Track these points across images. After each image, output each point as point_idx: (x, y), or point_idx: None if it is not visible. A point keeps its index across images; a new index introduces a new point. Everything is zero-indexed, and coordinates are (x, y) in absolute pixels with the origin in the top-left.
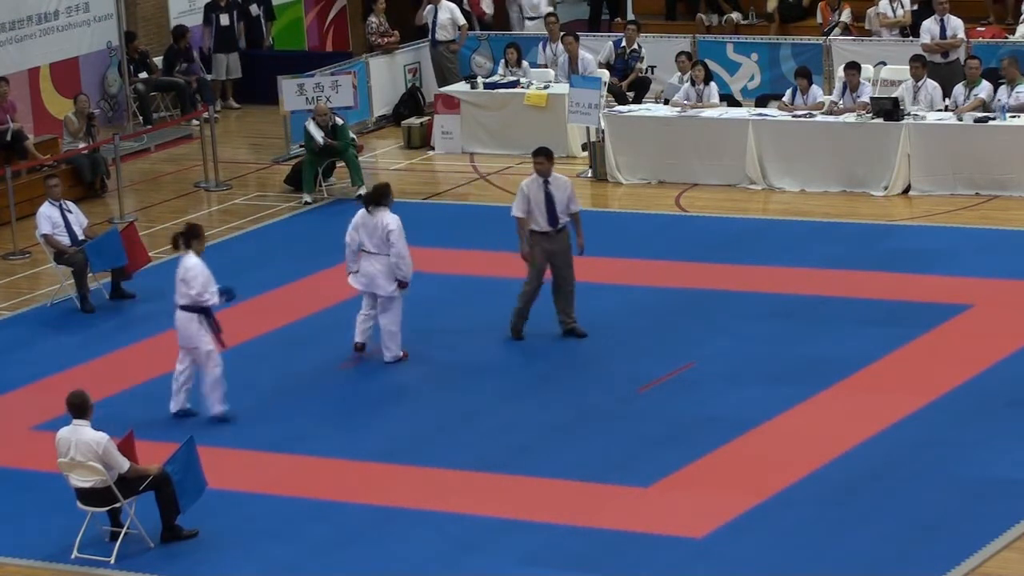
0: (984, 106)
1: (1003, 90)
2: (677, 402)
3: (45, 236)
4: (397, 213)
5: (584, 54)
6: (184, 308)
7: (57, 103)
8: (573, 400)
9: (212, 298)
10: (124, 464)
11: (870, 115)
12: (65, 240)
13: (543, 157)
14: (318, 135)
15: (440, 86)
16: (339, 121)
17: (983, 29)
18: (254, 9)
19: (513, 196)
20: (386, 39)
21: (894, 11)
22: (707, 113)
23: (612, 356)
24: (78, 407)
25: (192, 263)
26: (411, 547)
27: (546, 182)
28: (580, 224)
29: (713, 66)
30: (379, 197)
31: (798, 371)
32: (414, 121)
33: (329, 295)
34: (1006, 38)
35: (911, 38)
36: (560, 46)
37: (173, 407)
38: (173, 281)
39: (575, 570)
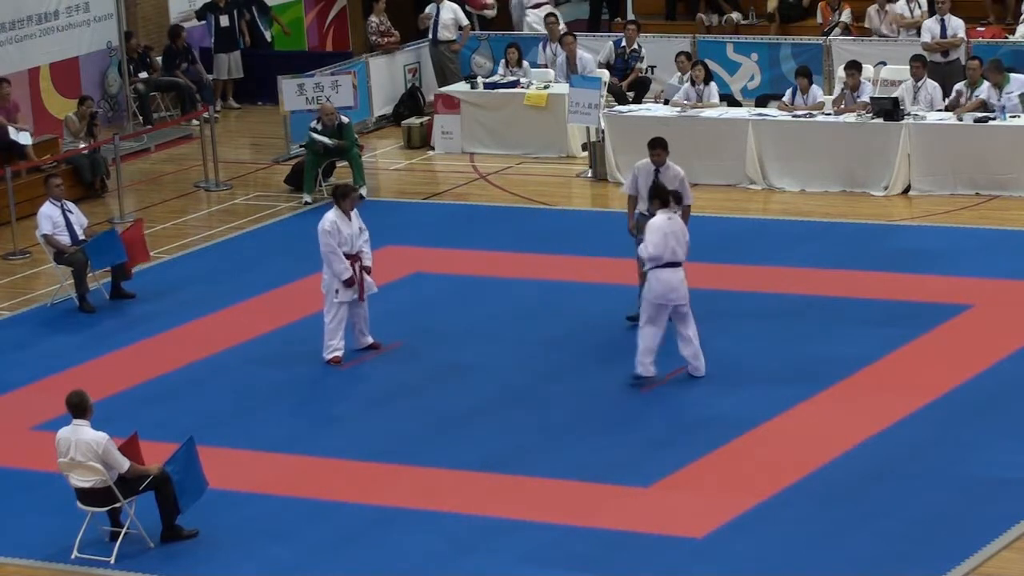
0: (984, 106)
1: (992, 93)
2: (677, 402)
3: (45, 236)
4: (397, 213)
5: (583, 53)
6: (670, 264)
7: (57, 103)
8: (573, 400)
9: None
10: (124, 464)
11: (870, 115)
12: (66, 240)
13: (659, 148)
14: (326, 140)
15: (440, 86)
16: (344, 120)
17: (983, 29)
18: (245, 12)
19: (512, 196)
20: (387, 39)
21: (911, 12)
22: (707, 113)
23: (612, 356)
24: (77, 407)
25: (656, 223)
26: (411, 547)
27: (657, 170)
28: (687, 218)
29: (713, 66)
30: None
31: (798, 371)
32: (414, 121)
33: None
34: (1006, 38)
35: (916, 37)
36: (560, 46)
37: (642, 371)
38: (172, 282)
39: (575, 570)
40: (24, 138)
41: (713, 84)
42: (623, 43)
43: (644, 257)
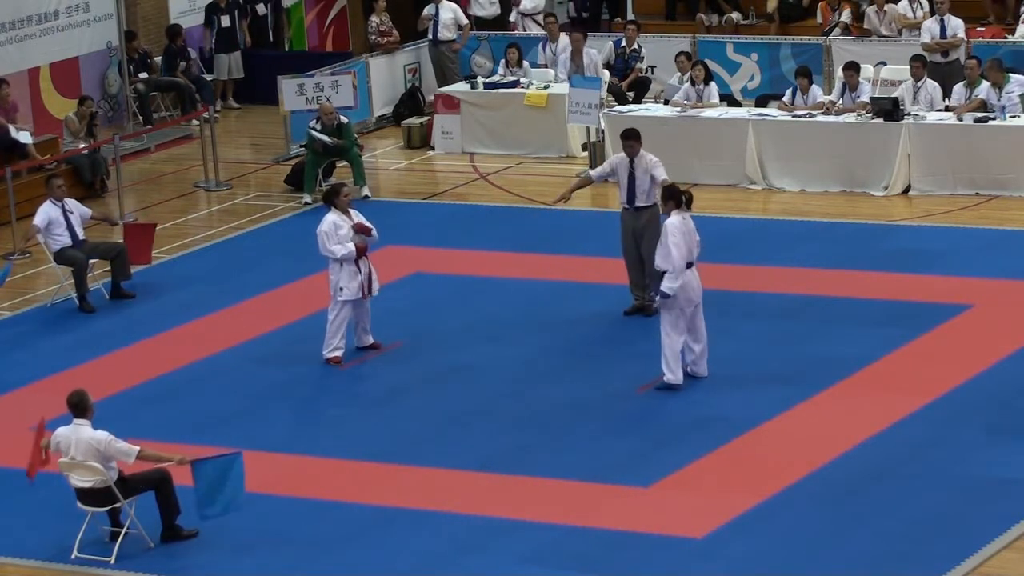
0: (984, 106)
1: (991, 92)
2: (677, 402)
3: (36, 227)
4: (397, 213)
5: (591, 51)
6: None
7: (57, 103)
8: (573, 400)
9: None
10: (133, 449)
11: (870, 115)
12: (65, 240)
13: (633, 140)
14: (325, 138)
15: (440, 86)
16: (343, 120)
17: (983, 29)
18: (261, 8)
19: (512, 196)
20: (387, 39)
21: (913, 12)
22: (707, 113)
23: (612, 356)
24: (77, 406)
25: (674, 224)
26: (411, 547)
27: (631, 161)
28: (658, 191)
29: (713, 66)
30: (328, 197)
31: (798, 371)
32: (414, 121)
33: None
34: (1006, 38)
35: (917, 37)
36: (559, 45)
37: (673, 379)
38: (172, 282)
39: (575, 570)
40: (25, 137)
41: (713, 84)
42: (623, 43)
43: (675, 263)
